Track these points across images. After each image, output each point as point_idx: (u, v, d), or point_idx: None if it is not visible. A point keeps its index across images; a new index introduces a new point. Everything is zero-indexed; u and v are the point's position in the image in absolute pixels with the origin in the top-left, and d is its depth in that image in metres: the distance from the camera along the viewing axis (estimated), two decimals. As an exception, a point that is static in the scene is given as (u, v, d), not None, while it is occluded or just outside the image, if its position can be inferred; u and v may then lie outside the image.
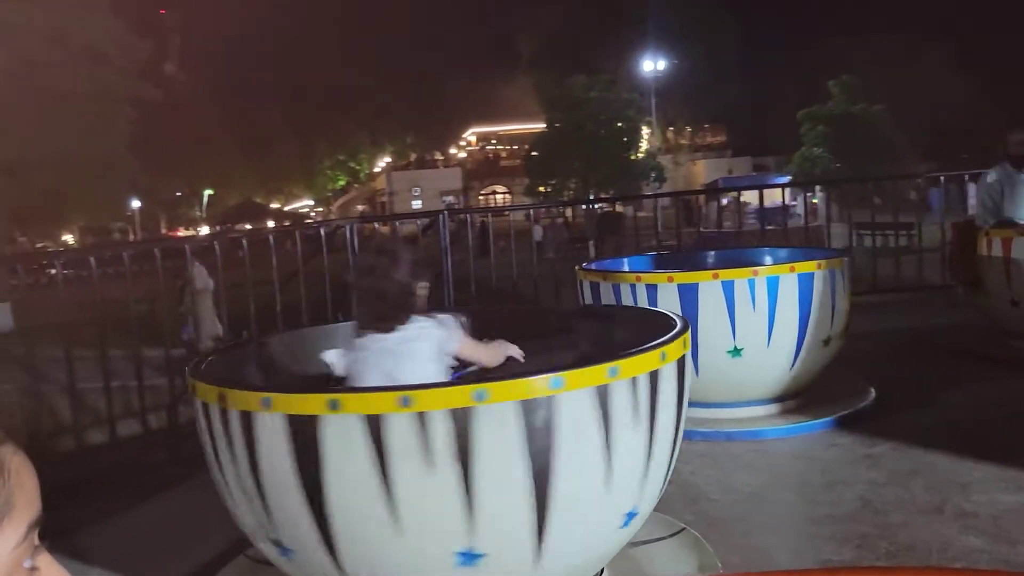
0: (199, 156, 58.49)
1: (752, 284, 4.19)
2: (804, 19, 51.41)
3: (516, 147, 52.17)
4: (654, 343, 2.37)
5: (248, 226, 46.32)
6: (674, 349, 2.42)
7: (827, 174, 31.20)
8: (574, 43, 43.95)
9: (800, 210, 12.60)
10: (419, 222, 7.51)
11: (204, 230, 52.94)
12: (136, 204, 50.93)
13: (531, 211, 15.44)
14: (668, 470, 2.50)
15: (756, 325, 4.20)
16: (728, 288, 4.18)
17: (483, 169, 52.49)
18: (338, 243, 6.34)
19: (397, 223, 7.34)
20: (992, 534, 2.91)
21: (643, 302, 4.26)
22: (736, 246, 9.08)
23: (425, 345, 2.53)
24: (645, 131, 41.81)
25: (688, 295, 4.19)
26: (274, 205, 59.07)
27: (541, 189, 33.27)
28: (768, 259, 5.14)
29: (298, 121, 65.10)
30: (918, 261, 8.12)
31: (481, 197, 54.67)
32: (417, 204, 50.13)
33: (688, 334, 2.57)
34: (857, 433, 4.10)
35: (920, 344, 6.11)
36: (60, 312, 5.22)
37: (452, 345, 2.58)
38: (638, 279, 4.38)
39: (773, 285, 4.21)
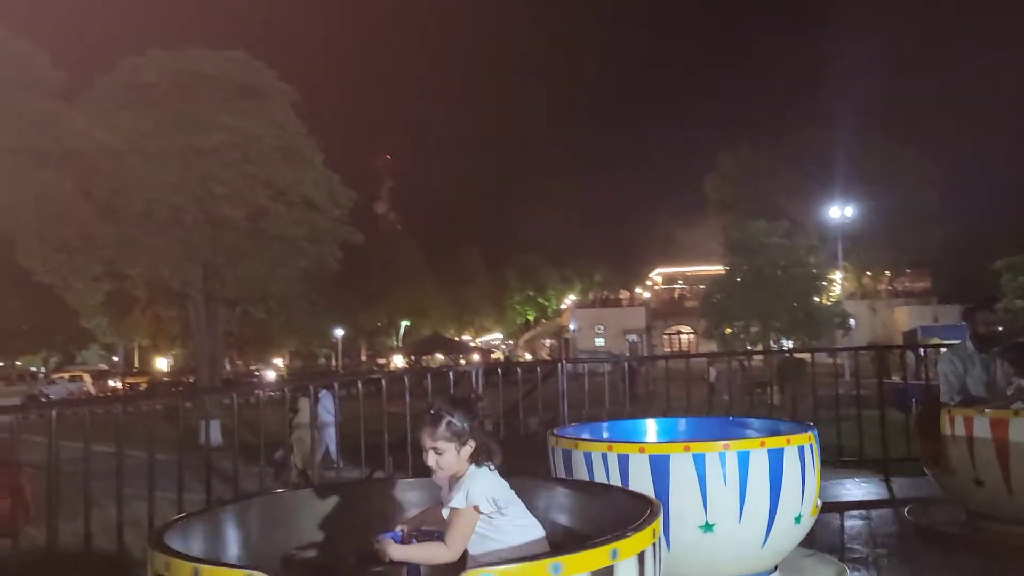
0: (400, 289, 62.83)
1: (723, 458, 4.17)
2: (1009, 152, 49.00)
3: (703, 287, 52.29)
4: (607, 538, 2.37)
5: (439, 356, 48.70)
6: (636, 542, 2.41)
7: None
8: (760, 187, 44.27)
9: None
10: (539, 369, 8.15)
11: (398, 359, 56.30)
12: (340, 332, 54.99)
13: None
14: None
15: (727, 500, 4.16)
16: (699, 461, 4.17)
17: (667, 308, 52.88)
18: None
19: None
20: None
21: (614, 473, 4.23)
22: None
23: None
24: (837, 275, 40.74)
25: (659, 467, 4.17)
26: (465, 337, 61.88)
27: (728, 331, 33.09)
28: (743, 431, 5.07)
29: (493, 259, 68.82)
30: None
31: (665, 336, 54.73)
32: (600, 342, 50.99)
33: (659, 519, 2.60)
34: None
35: (892, 522, 6.21)
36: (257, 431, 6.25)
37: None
38: (610, 448, 4.35)
39: (744, 460, 4.18)
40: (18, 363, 46.64)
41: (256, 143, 18.79)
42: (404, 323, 64.36)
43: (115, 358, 55.69)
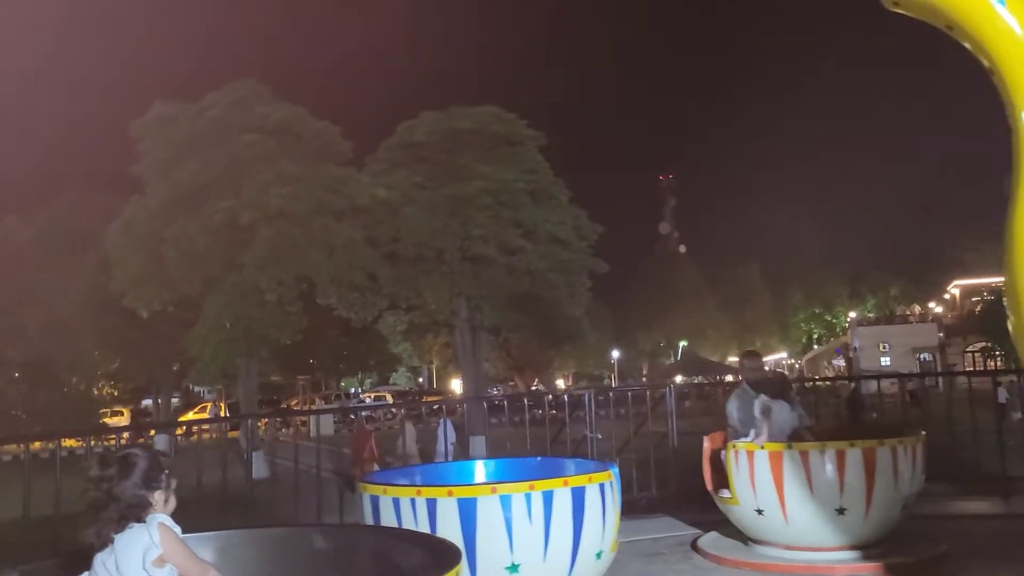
0: (678, 309, 63.54)
1: (528, 498, 4.26)
2: None
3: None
4: None
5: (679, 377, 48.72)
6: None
7: None
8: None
9: None
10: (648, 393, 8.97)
11: (677, 379, 56.97)
12: (616, 353, 56.90)
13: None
14: None
15: (533, 539, 4.25)
16: (506, 502, 4.24)
17: (966, 325, 48.48)
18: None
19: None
20: None
21: (423, 518, 4.28)
22: None
23: (131, 552, 2.61)
24: None
25: (467, 510, 4.23)
26: (732, 358, 60.97)
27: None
28: (553, 470, 5.21)
29: (775, 275, 67.15)
30: None
31: (968, 354, 50.17)
32: (886, 361, 48.04)
33: (459, 565, 2.68)
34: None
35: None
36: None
37: (153, 552, 2.61)
38: (418, 493, 4.39)
39: (548, 499, 4.28)
40: (342, 384, 53.77)
41: (508, 187, 21.15)
42: (682, 343, 64.91)
43: (420, 379, 62.07)
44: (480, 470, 5.69)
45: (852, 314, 59.34)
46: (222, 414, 32.04)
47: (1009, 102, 2.80)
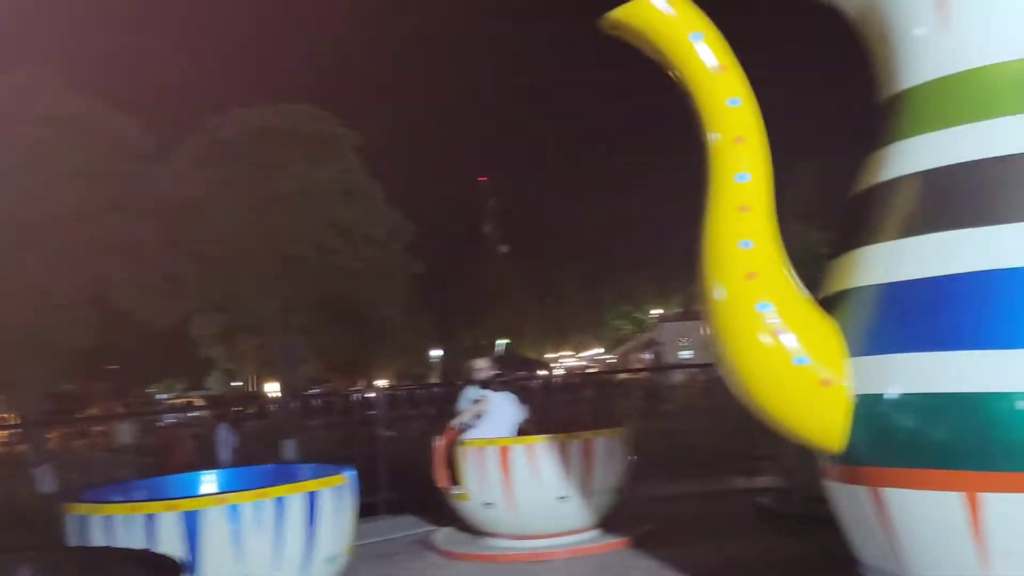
0: (498, 309, 64.82)
1: (258, 507, 4.20)
2: None
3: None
4: None
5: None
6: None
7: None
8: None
9: None
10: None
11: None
12: (438, 353, 57.32)
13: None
14: None
15: (262, 549, 4.20)
16: (233, 512, 4.16)
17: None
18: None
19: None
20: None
21: (138, 535, 4.05)
22: None
23: None
24: None
25: (191, 523, 4.09)
26: (550, 355, 63.11)
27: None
28: (283, 477, 5.10)
29: (589, 277, 69.93)
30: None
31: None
32: (687, 354, 51.20)
33: None
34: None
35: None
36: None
37: None
38: (136, 509, 4.18)
39: (279, 506, 4.24)
40: (148, 389, 50.96)
41: (322, 186, 20.94)
42: (502, 342, 66.23)
43: (233, 383, 59.83)
44: (211, 481, 5.48)
45: (659, 311, 62.85)
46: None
47: (701, 125, 3.24)
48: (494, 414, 7.04)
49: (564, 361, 64.50)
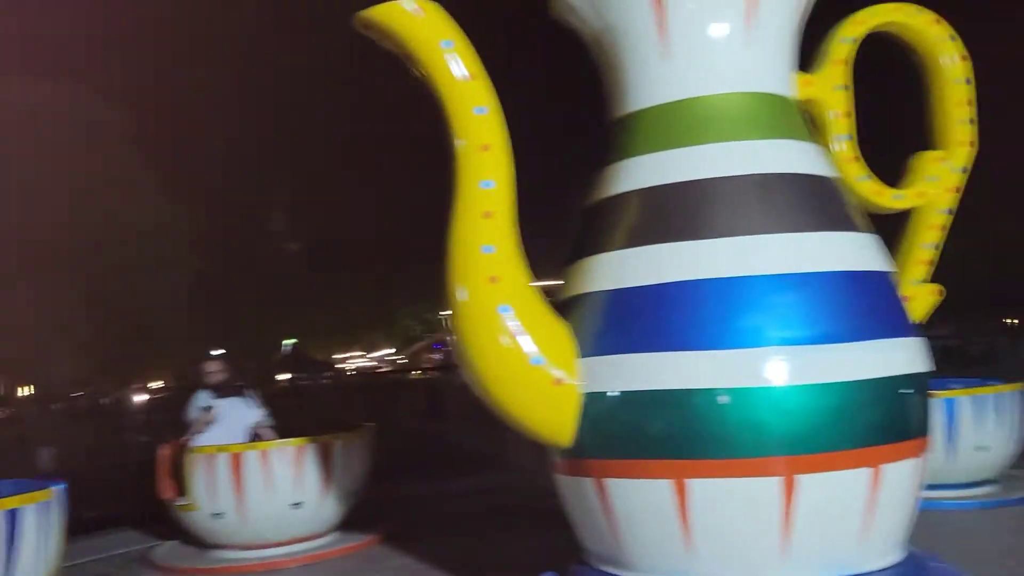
0: (286, 308, 62.70)
1: None
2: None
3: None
4: None
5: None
6: None
7: None
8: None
9: None
10: None
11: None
12: (217, 352, 54.67)
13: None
14: None
15: None
16: None
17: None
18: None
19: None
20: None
21: None
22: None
23: None
24: None
25: None
26: (337, 355, 62.15)
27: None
28: None
29: (381, 277, 69.33)
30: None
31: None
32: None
33: None
34: None
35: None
36: None
37: None
38: None
39: None
40: None
41: (91, 176, 19.44)
42: (289, 342, 64.26)
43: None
44: None
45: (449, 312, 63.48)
46: None
47: (449, 131, 3.34)
48: (225, 419, 6.80)
49: (354, 361, 63.53)
